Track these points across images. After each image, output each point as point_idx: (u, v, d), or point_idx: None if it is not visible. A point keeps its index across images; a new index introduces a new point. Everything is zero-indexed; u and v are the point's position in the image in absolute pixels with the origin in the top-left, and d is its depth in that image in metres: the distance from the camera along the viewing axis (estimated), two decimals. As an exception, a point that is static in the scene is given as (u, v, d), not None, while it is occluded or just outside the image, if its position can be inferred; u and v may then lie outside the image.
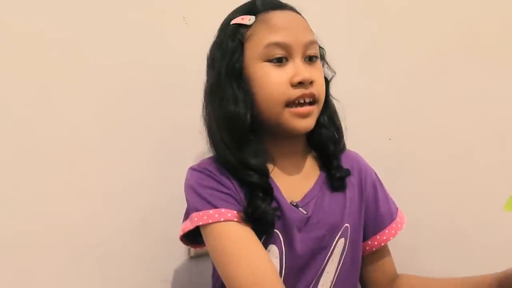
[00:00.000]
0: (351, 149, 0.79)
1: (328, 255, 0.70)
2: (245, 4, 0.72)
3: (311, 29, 0.70)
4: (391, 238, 0.75)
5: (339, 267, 0.71)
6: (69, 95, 0.67)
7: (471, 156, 0.86)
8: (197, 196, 0.66)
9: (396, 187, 0.89)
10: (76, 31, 0.67)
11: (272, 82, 0.65)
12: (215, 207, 0.64)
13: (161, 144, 0.83)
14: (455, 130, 0.87)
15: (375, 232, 0.76)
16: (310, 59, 0.68)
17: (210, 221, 0.63)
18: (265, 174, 0.67)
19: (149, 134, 0.81)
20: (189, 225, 0.66)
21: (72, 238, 0.67)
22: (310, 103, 0.67)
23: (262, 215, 0.63)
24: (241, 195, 0.66)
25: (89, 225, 0.70)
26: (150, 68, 0.80)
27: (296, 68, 0.66)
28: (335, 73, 0.75)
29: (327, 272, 0.70)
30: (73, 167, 0.67)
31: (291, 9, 0.70)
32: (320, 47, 0.74)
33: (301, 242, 0.67)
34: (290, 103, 0.65)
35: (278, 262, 0.66)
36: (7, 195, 0.58)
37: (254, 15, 0.68)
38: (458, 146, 0.87)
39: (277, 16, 0.67)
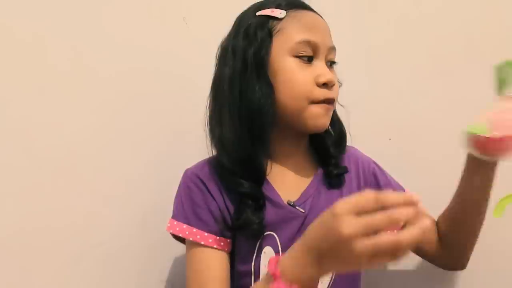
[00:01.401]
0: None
1: None
2: (269, 1, 0.71)
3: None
4: None
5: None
6: (70, 96, 0.67)
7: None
8: (183, 210, 0.69)
9: (396, 187, 0.89)
10: (76, 31, 0.67)
11: (299, 78, 0.66)
12: (198, 227, 0.67)
13: (161, 145, 0.83)
14: (455, 130, 0.86)
15: None
16: (331, 64, 0.70)
17: (191, 239, 0.67)
18: (260, 181, 0.67)
19: (149, 134, 0.81)
20: (175, 229, 0.69)
21: (72, 238, 0.67)
22: (331, 103, 0.69)
23: (246, 224, 0.65)
24: (227, 202, 0.68)
25: (89, 225, 0.70)
26: (150, 69, 0.80)
27: (322, 69, 0.67)
28: (341, 84, 0.76)
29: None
30: (74, 167, 0.67)
31: (317, 13, 0.72)
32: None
33: None
34: (314, 101, 0.67)
35: None
36: (7, 195, 0.58)
37: (289, 9, 0.69)
38: (458, 146, 0.86)
39: (309, 16, 0.69)
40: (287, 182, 0.71)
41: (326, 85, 0.67)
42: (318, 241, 0.47)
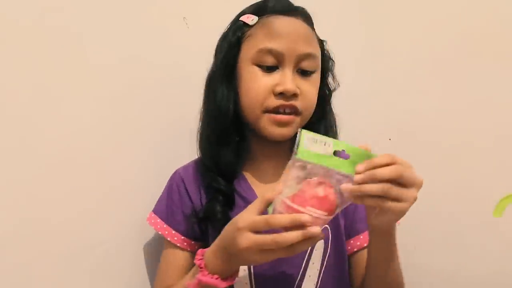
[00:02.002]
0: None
1: (306, 258, 0.69)
2: (259, 2, 0.72)
3: (314, 42, 0.69)
4: (364, 245, 0.72)
5: (322, 270, 0.70)
6: (71, 95, 0.66)
7: (471, 156, 0.86)
8: (162, 206, 0.76)
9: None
10: (76, 31, 0.67)
11: (255, 87, 0.66)
12: (169, 224, 0.74)
13: (161, 144, 0.83)
14: (455, 130, 0.87)
15: (350, 236, 0.73)
16: (303, 73, 0.67)
17: (160, 233, 0.74)
18: (230, 180, 0.70)
19: (150, 134, 0.81)
20: (151, 221, 0.76)
21: (72, 238, 0.67)
22: (291, 113, 0.66)
23: (210, 214, 0.69)
24: (203, 200, 0.72)
25: (89, 225, 0.70)
26: (150, 69, 0.80)
27: (282, 78, 0.65)
28: (338, 85, 0.75)
29: (309, 276, 0.69)
30: (73, 167, 0.67)
31: (301, 15, 0.70)
32: (330, 59, 0.75)
33: None
34: (269, 110, 0.66)
35: (247, 270, 0.68)
36: (6, 195, 0.58)
37: (260, 16, 0.68)
38: (458, 146, 0.87)
39: (279, 22, 0.67)
40: (267, 181, 0.72)
41: (283, 94, 0.65)
42: (227, 245, 0.56)
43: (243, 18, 0.69)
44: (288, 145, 0.71)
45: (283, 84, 0.65)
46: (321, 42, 0.73)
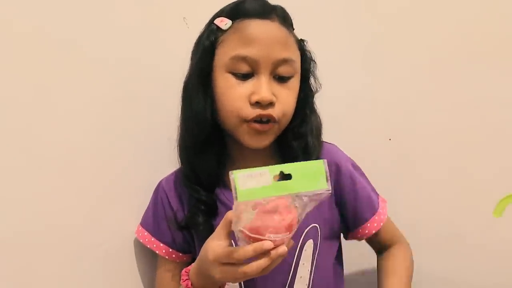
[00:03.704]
0: (349, 148, 0.78)
1: (295, 259, 0.69)
2: (234, 3, 0.68)
3: (291, 46, 0.66)
4: (373, 231, 0.74)
5: (313, 270, 0.70)
6: (70, 95, 0.66)
7: (471, 156, 0.86)
8: (148, 218, 0.75)
9: (396, 187, 0.89)
10: (75, 32, 0.67)
11: (231, 96, 0.64)
12: (158, 238, 0.74)
13: (161, 144, 0.83)
14: (455, 130, 0.87)
15: (356, 226, 0.74)
16: (280, 79, 0.65)
17: (148, 246, 0.75)
18: (212, 189, 0.70)
19: (150, 133, 0.81)
20: (139, 235, 0.76)
21: (72, 238, 0.67)
22: (268, 122, 0.65)
23: (192, 224, 0.70)
24: (186, 210, 0.72)
25: (89, 225, 0.70)
26: (150, 69, 0.80)
27: (258, 86, 0.63)
28: (320, 87, 0.73)
29: (301, 277, 0.69)
30: (73, 167, 0.67)
31: (278, 17, 0.66)
32: (312, 60, 0.72)
33: None
34: (247, 120, 0.64)
35: None
36: (6, 195, 0.58)
37: (234, 19, 0.65)
38: (458, 146, 0.87)
39: (252, 27, 0.63)
40: None
41: (259, 103, 0.63)
42: (204, 270, 0.58)
43: (217, 22, 0.66)
44: (269, 149, 0.70)
45: (258, 93, 0.62)
46: (300, 43, 0.70)
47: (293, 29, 0.69)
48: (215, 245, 0.55)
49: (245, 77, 0.64)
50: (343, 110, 0.90)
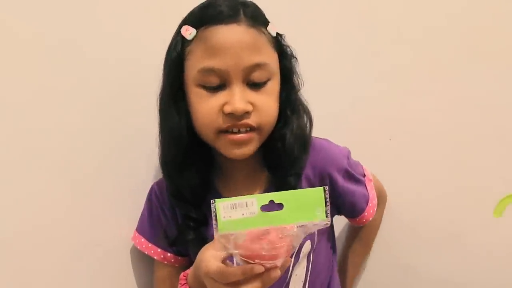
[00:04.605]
0: (349, 148, 0.78)
1: (293, 260, 0.68)
2: (198, 8, 0.64)
3: (263, 47, 0.61)
4: (370, 218, 0.77)
5: (309, 266, 0.70)
6: (70, 95, 0.66)
7: (471, 156, 0.86)
8: (148, 225, 0.74)
9: (396, 187, 0.89)
10: (74, 32, 0.67)
11: (203, 110, 0.61)
12: (156, 244, 0.74)
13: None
14: (455, 130, 0.87)
15: (354, 217, 0.76)
16: (255, 85, 0.61)
17: (146, 253, 0.74)
18: (197, 204, 0.67)
19: (149, 133, 0.81)
20: (135, 241, 0.75)
21: (72, 238, 0.67)
22: (248, 131, 0.62)
23: (182, 243, 0.69)
24: (178, 217, 0.71)
25: (89, 225, 0.70)
26: (150, 69, 0.80)
27: (230, 97, 0.60)
28: (303, 84, 0.69)
29: (296, 275, 0.70)
30: (73, 167, 0.67)
31: (245, 18, 0.61)
32: (293, 56, 0.68)
33: None
34: (223, 131, 0.62)
35: None
36: (6, 195, 0.58)
37: (198, 28, 0.61)
38: (458, 146, 0.86)
39: (217, 36, 0.59)
40: (240, 194, 0.69)
41: (233, 114, 0.60)
42: (199, 276, 0.56)
43: (182, 31, 0.62)
44: (257, 155, 0.67)
45: (231, 104, 0.59)
46: (277, 40, 0.65)
47: (267, 26, 0.63)
48: (210, 256, 0.53)
49: (216, 89, 0.60)
50: (343, 110, 0.90)
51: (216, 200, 0.48)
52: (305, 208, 0.49)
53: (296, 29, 0.72)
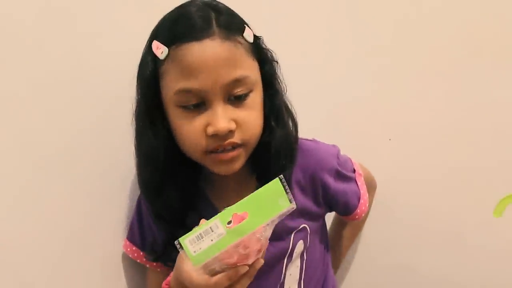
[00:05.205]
0: (349, 148, 0.78)
1: (286, 260, 0.68)
2: (169, 23, 0.60)
3: (241, 60, 0.58)
4: (363, 214, 0.77)
5: (304, 264, 0.71)
6: (70, 95, 0.66)
7: (471, 156, 0.86)
8: (139, 232, 0.73)
9: (396, 187, 0.89)
10: (73, 31, 0.67)
11: (186, 132, 0.59)
12: (145, 251, 0.72)
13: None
14: (456, 130, 0.87)
15: (346, 214, 0.77)
16: (237, 98, 0.59)
17: (138, 261, 0.74)
18: (181, 223, 0.65)
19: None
20: (127, 249, 0.74)
21: (72, 238, 0.67)
22: (234, 148, 0.60)
23: (164, 261, 0.69)
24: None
25: (89, 225, 0.70)
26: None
27: (212, 117, 0.57)
28: (286, 89, 0.67)
29: (290, 274, 0.70)
30: (73, 167, 0.67)
31: (218, 30, 0.57)
32: (273, 61, 0.65)
33: None
34: (209, 151, 0.60)
35: None
36: (6, 195, 0.58)
37: (169, 46, 0.57)
38: (458, 146, 0.87)
39: (190, 54, 0.56)
40: (231, 201, 0.67)
41: (216, 135, 0.57)
42: (181, 284, 0.55)
43: (154, 48, 0.59)
44: (246, 165, 0.65)
45: (214, 124, 0.57)
46: (256, 46, 0.62)
47: (243, 32, 0.60)
48: (191, 270, 0.52)
49: (196, 107, 0.58)
50: (343, 110, 0.90)
51: (179, 239, 0.48)
52: (268, 205, 0.49)
53: (297, 29, 0.72)
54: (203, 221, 0.52)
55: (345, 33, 0.91)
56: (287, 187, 0.50)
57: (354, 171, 0.77)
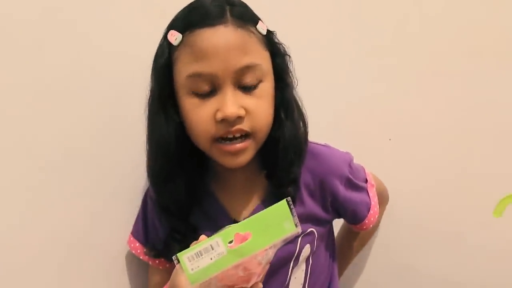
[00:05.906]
0: (349, 148, 0.78)
1: (292, 264, 0.68)
2: (183, 12, 0.62)
3: (252, 48, 0.59)
4: (371, 225, 0.76)
5: (309, 269, 0.70)
6: (70, 95, 0.67)
7: (471, 156, 0.86)
8: (143, 229, 0.73)
9: (396, 187, 0.89)
10: (73, 32, 0.67)
11: (195, 118, 0.59)
12: (147, 248, 0.72)
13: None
14: (456, 130, 0.87)
15: (355, 223, 0.76)
16: (247, 88, 0.59)
17: (141, 257, 0.73)
18: (186, 217, 0.65)
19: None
20: (130, 245, 0.74)
21: (72, 238, 0.67)
22: (242, 137, 0.60)
23: (165, 255, 0.68)
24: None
25: (89, 225, 0.70)
26: (149, 69, 0.80)
27: (222, 102, 0.57)
28: (297, 83, 0.67)
29: (295, 278, 0.69)
30: (73, 167, 0.67)
31: (231, 18, 0.58)
32: (286, 54, 0.65)
33: None
34: (217, 139, 0.60)
35: None
36: (5, 195, 0.58)
37: (184, 32, 0.59)
38: (458, 146, 0.87)
39: (203, 39, 0.57)
40: (238, 198, 0.67)
41: (225, 120, 0.57)
42: None
43: (169, 36, 0.60)
44: (255, 157, 0.65)
45: (223, 110, 0.57)
46: (268, 38, 0.63)
47: (256, 24, 0.61)
48: (185, 284, 0.50)
49: (208, 94, 0.59)
50: (343, 110, 0.90)
51: (178, 254, 0.46)
52: (273, 227, 0.48)
53: (297, 28, 0.72)
54: (203, 237, 0.51)
55: (345, 33, 0.91)
56: (294, 210, 0.49)
57: (366, 181, 0.76)
